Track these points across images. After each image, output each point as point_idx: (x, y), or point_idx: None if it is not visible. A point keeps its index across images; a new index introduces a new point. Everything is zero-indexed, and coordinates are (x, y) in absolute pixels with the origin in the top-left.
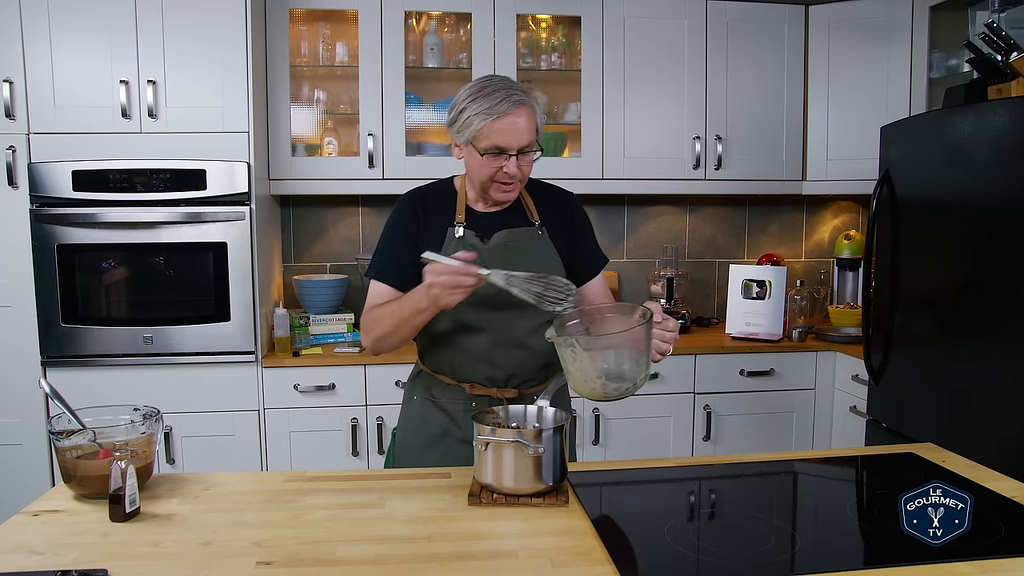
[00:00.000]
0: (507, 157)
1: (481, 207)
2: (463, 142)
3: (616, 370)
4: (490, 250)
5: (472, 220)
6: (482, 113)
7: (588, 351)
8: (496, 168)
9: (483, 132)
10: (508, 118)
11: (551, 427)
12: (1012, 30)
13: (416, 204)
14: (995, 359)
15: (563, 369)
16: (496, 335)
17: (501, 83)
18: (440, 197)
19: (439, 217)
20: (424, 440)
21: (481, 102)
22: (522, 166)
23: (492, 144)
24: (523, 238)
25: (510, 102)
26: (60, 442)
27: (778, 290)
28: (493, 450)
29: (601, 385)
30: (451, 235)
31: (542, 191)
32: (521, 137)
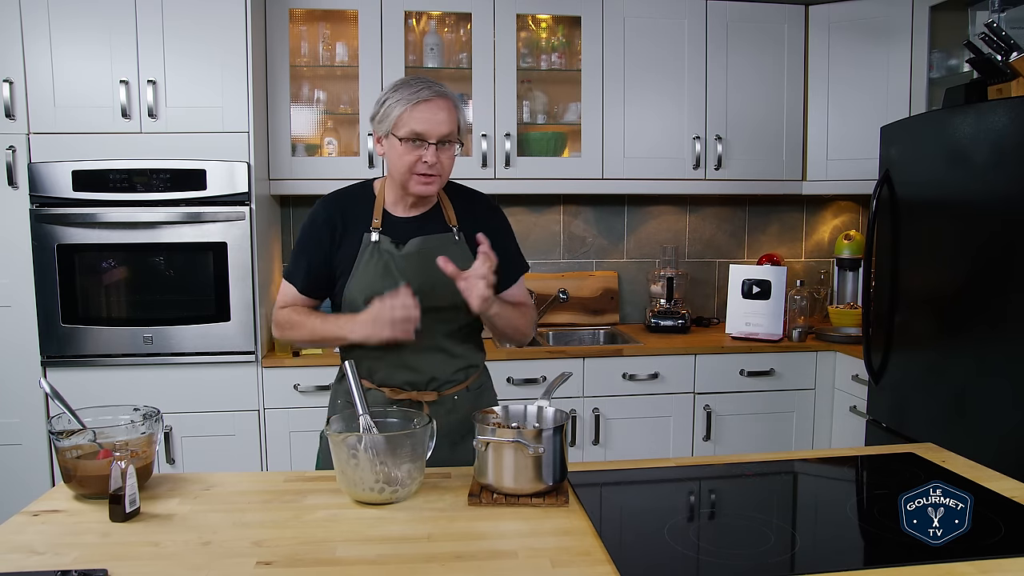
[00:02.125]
0: (426, 146)
1: (400, 211)
2: (383, 133)
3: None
4: (404, 256)
5: (388, 225)
6: (403, 100)
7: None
8: (416, 157)
9: (403, 119)
10: (427, 104)
11: (551, 427)
12: (1012, 30)
13: (333, 210)
14: (995, 359)
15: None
16: (414, 341)
17: (424, 79)
18: (358, 201)
19: (356, 221)
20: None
21: (402, 91)
22: (442, 158)
23: (411, 130)
24: (438, 244)
25: (431, 91)
26: (60, 442)
27: (778, 290)
28: (493, 450)
29: (379, 490)
30: (366, 240)
31: (462, 196)
32: (441, 126)
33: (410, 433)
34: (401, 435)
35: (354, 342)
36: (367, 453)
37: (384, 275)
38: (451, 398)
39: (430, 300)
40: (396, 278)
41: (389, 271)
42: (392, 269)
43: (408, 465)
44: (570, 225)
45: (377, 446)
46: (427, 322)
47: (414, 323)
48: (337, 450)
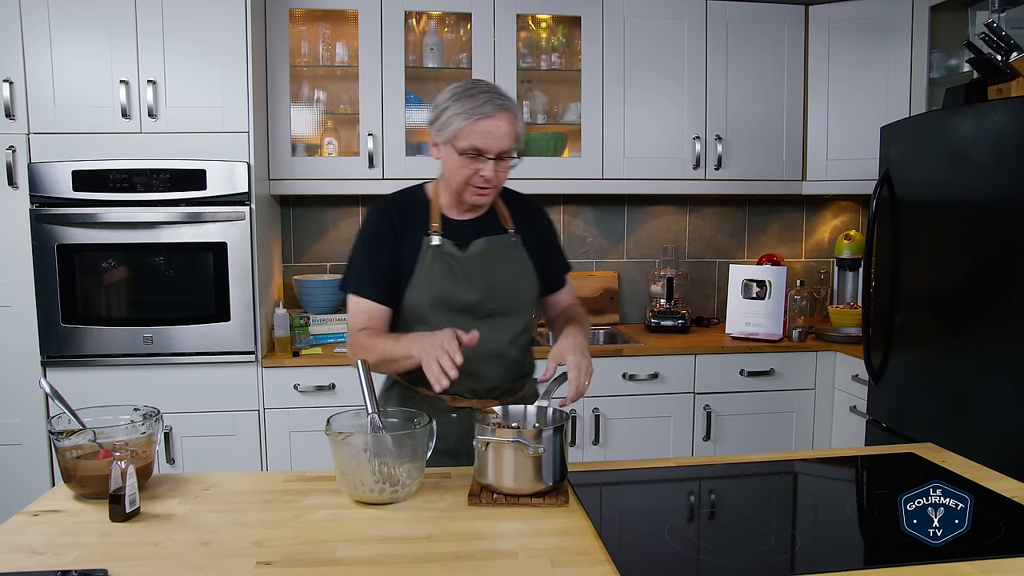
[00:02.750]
0: (485, 160)
1: (455, 214)
2: (442, 141)
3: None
4: (469, 258)
5: (448, 228)
6: (464, 113)
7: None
8: (473, 171)
9: (463, 132)
10: (490, 120)
11: (551, 427)
12: (1012, 30)
13: (391, 212)
14: (995, 359)
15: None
16: (477, 346)
17: (486, 87)
18: (413, 205)
19: (414, 225)
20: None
21: (465, 102)
22: (499, 171)
23: (471, 145)
24: (501, 246)
25: (493, 105)
26: (60, 442)
27: (778, 290)
28: (493, 450)
29: (379, 490)
30: (426, 243)
31: (513, 199)
32: (501, 141)
33: (410, 433)
34: (401, 435)
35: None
36: (367, 453)
37: (449, 277)
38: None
39: (494, 303)
40: (462, 280)
41: (454, 273)
42: (457, 271)
43: (408, 465)
44: (570, 225)
45: (377, 446)
46: (488, 328)
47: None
48: (337, 450)
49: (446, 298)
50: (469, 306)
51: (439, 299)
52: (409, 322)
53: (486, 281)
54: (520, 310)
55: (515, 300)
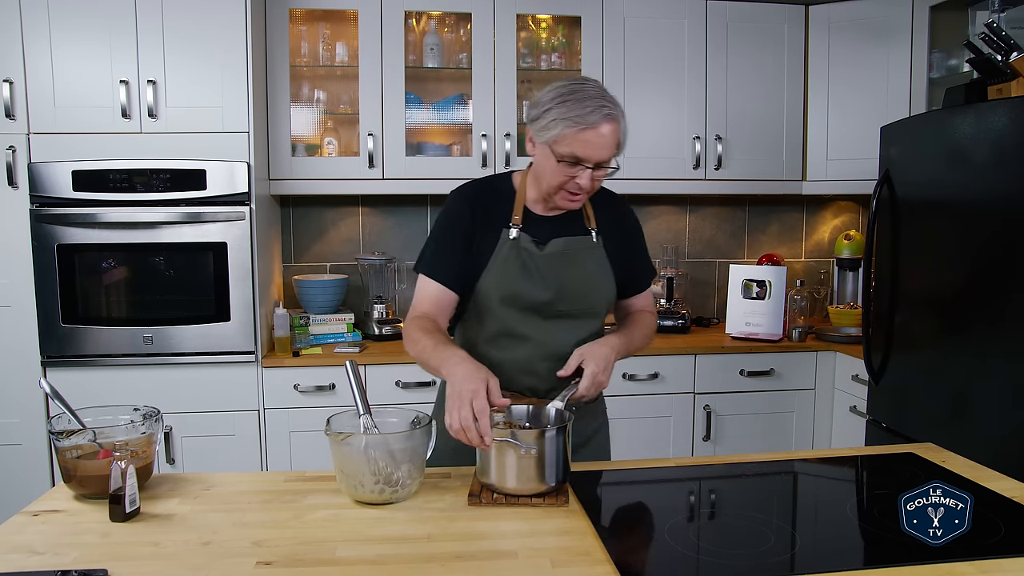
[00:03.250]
0: (583, 168)
1: (539, 209)
2: (541, 140)
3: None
4: (546, 257)
5: (529, 222)
6: (569, 120)
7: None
8: (568, 177)
9: (565, 139)
10: (595, 131)
11: (553, 428)
12: (1012, 30)
13: (472, 200)
14: (995, 359)
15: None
16: (542, 347)
17: (595, 91)
18: (496, 194)
19: (494, 215)
20: (452, 448)
21: (571, 107)
22: (595, 179)
23: (571, 153)
24: (580, 248)
25: (601, 114)
26: (60, 442)
27: (778, 290)
28: (495, 450)
29: (379, 491)
30: (505, 235)
31: (602, 197)
32: (603, 152)
33: (410, 433)
34: (401, 435)
35: (440, 374)
36: (367, 453)
37: (522, 273)
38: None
39: (565, 305)
40: (535, 278)
41: (527, 270)
42: (531, 269)
43: (408, 465)
44: None
45: (377, 446)
46: (554, 329)
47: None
48: (337, 450)
49: (516, 295)
50: (539, 305)
51: (509, 295)
52: (478, 312)
53: (559, 282)
54: (591, 314)
55: (587, 304)
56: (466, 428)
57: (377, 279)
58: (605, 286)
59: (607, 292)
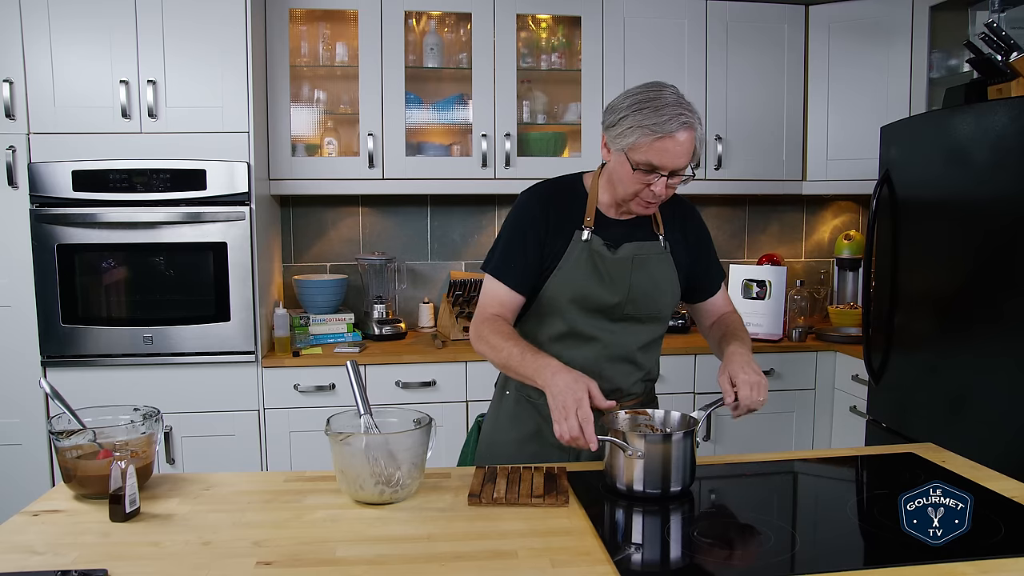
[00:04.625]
0: (659, 176)
1: (613, 213)
2: (617, 147)
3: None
4: (617, 261)
5: (600, 225)
6: (646, 128)
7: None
8: (644, 185)
9: (641, 147)
10: (671, 139)
11: (680, 431)
12: (1012, 30)
13: (545, 201)
14: (995, 359)
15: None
16: (608, 348)
17: (672, 99)
18: (568, 195)
19: (565, 216)
20: (516, 437)
21: (648, 115)
22: (670, 187)
23: (647, 161)
24: (650, 253)
25: (678, 123)
26: (60, 442)
27: (778, 290)
28: (609, 448)
29: (379, 491)
30: (577, 237)
31: (670, 201)
32: (679, 160)
33: (410, 433)
34: (401, 435)
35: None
36: (367, 453)
37: (592, 275)
38: None
39: (633, 308)
40: (606, 281)
41: (599, 273)
42: (602, 271)
43: (408, 465)
44: None
45: (377, 447)
46: (621, 331)
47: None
48: (337, 450)
49: (586, 296)
50: (608, 308)
51: (580, 296)
52: (543, 313)
53: (629, 286)
54: (657, 318)
55: (654, 308)
56: (574, 438)
57: (377, 279)
58: (671, 291)
59: (673, 297)
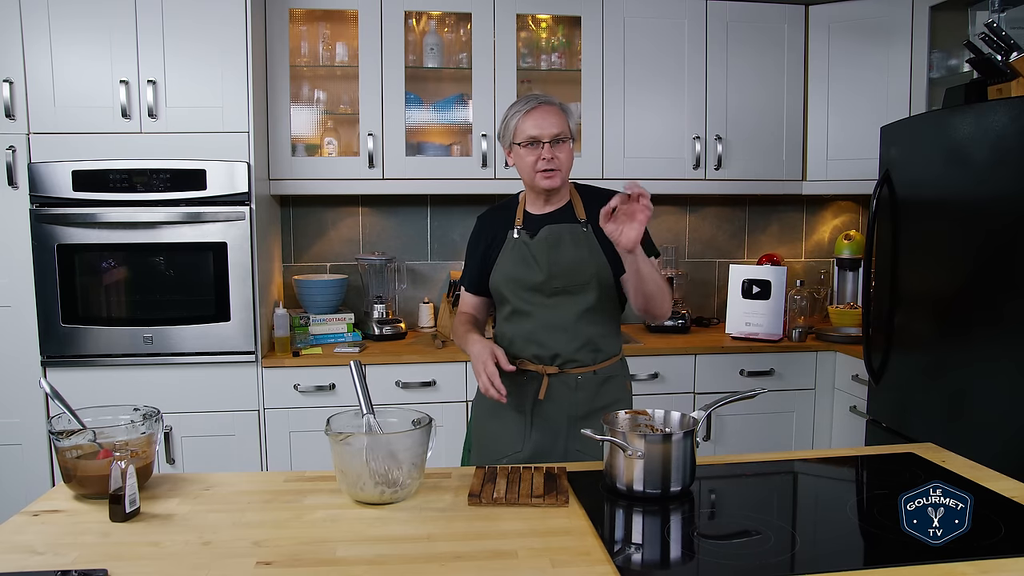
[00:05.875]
0: (542, 145)
1: (536, 209)
2: (508, 145)
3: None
4: (537, 243)
5: (528, 222)
6: (517, 113)
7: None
8: (536, 156)
9: (520, 128)
10: (536, 111)
11: (679, 432)
12: (1012, 30)
13: (485, 220)
14: (995, 359)
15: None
16: (543, 319)
17: (532, 95)
18: (503, 211)
19: (501, 225)
20: (487, 408)
21: (515, 106)
22: (558, 154)
23: (527, 135)
24: (565, 232)
25: (536, 100)
26: (60, 442)
27: (778, 290)
28: (609, 448)
29: (379, 491)
30: (510, 236)
31: (592, 194)
32: (551, 127)
33: (410, 433)
34: (401, 435)
35: None
36: (367, 453)
37: (520, 262)
38: (575, 377)
39: (560, 282)
40: (531, 263)
41: (524, 258)
42: (527, 256)
43: (408, 465)
44: None
45: (377, 447)
46: (553, 304)
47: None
48: (337, 450)
49: (516, 278)
50: (537, 285)
51: (511, 279)
52: (497, 302)
53: (550, 262)
54: (585, 289)
55: (580, 280)
56: (486, 388)
57: (377, 279)
58: (595, 265)
59: (597, 270)
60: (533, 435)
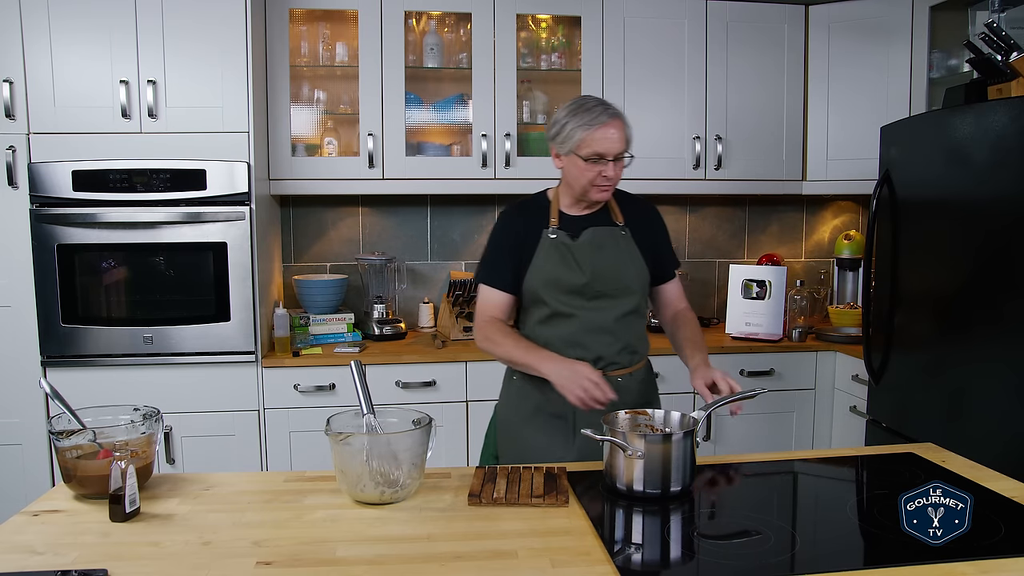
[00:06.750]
0: (606, 162)
1: (573, 211)
2: (565, 152)
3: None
4: (579, 246)
5: (564, 223)
6: (584, 125)
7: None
8: (596, 172)
9: (584, 141)
10: (605, 128)
11: (679, 432)
12: (1012, 30)
13: (515, 215)
14: (995, 359)
15: (337, 469)
16: (584, 322)
17: (595, 100)
18: (534, 207)
19: (533, 222)
20: (523, 415)
21: (581, 116)
22: (616, 170)
23: (593, 151)
24: (607, 236)
25: (607, 115)
26: (60, 442)
27: (778, 290)
28: (609, 448)
29: (379, 491)
30: (545, 235)
31: (627, 199)
32: (617, 145)
33: (410, 433)
34: (401, 435)
35: (544, 376)
36: (367, 453)
37: (560, 263)
38: (615, 379)
39: (601, 285)
40: (572, 265)
41: (565, 259)
42: (568, 257)
43: (408, 465)
44: None
45: (377, 447)
46: (596, 307)
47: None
48: (337, 450)
49: (557, 280)
50: (578, 288)
51: (551, 281)
52: (528, 303)
53: (593, 265)
54: (626, 293)
55: (621, 283)
56: (592, 392)
57: (377, 279)
58: (636, 268)
59: (638, 274)
60: (577, 441)
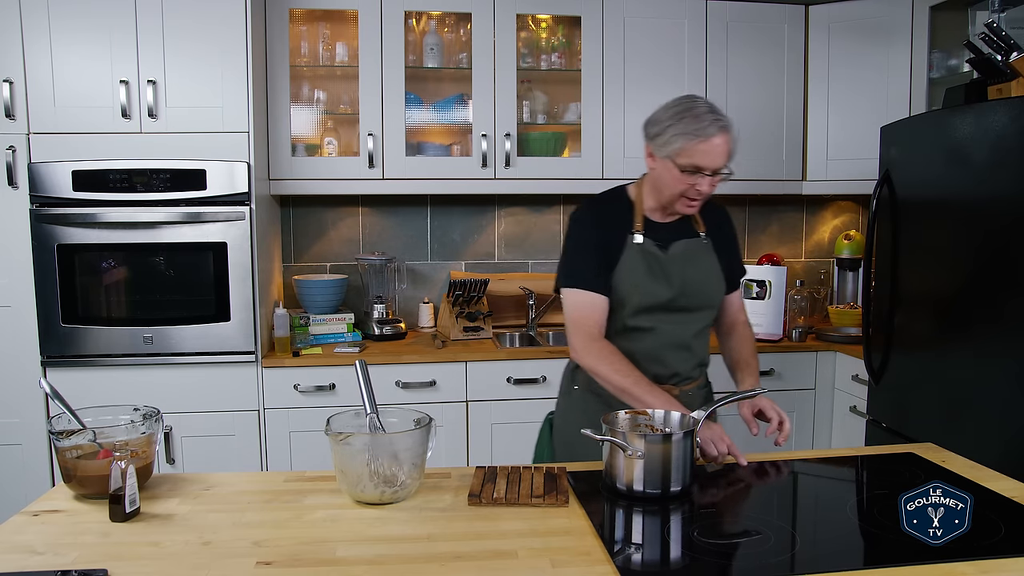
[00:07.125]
0: (703, 176)
1: (657, 217)
2: (662, 155)
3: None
4: (670, 259)
5: (649, 229)
6: (688, 134)
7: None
8: (689, 185)
9: (686, 151)
10: (711, 141)
11: (679, 432)
12: (1012, 30)
13: (595, 214)
14: (995, 359)
15: (337, 469)
16: (665, 337)
17: (706, 106)
18: (615, 206)
19: (616, 224)
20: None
21: (688, 123)
22: (711, 185)
23: (692, 163)
24: (697, 249)
25: (716, 127)
26: (60, 442)
27: (778, 290)
28: (609, 448)
29: (379, 491)
30: (630, 241)
31: (706, 204)
32: (719, 159)
33: (410, 433)
34: (401, 435)
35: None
36: (367, 453)
37: (647, 274)
38: (687, 393)
39: (686, 300)
40: (660, 278)
41: (653, 271)
42: (656, 269)
43: (408, 465)
44: None
45: (377, 446)
46: (676, 321)
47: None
48: (337, 450)
49: (644, 292)
50: (663, 302)
51: (637, 293)
52: (612, 309)
53: (682, 280)
54: (707, 307)
55: (705, 299)
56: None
57: (377, 279)
58: (718, 283)
59: (720, 288)
60: None
